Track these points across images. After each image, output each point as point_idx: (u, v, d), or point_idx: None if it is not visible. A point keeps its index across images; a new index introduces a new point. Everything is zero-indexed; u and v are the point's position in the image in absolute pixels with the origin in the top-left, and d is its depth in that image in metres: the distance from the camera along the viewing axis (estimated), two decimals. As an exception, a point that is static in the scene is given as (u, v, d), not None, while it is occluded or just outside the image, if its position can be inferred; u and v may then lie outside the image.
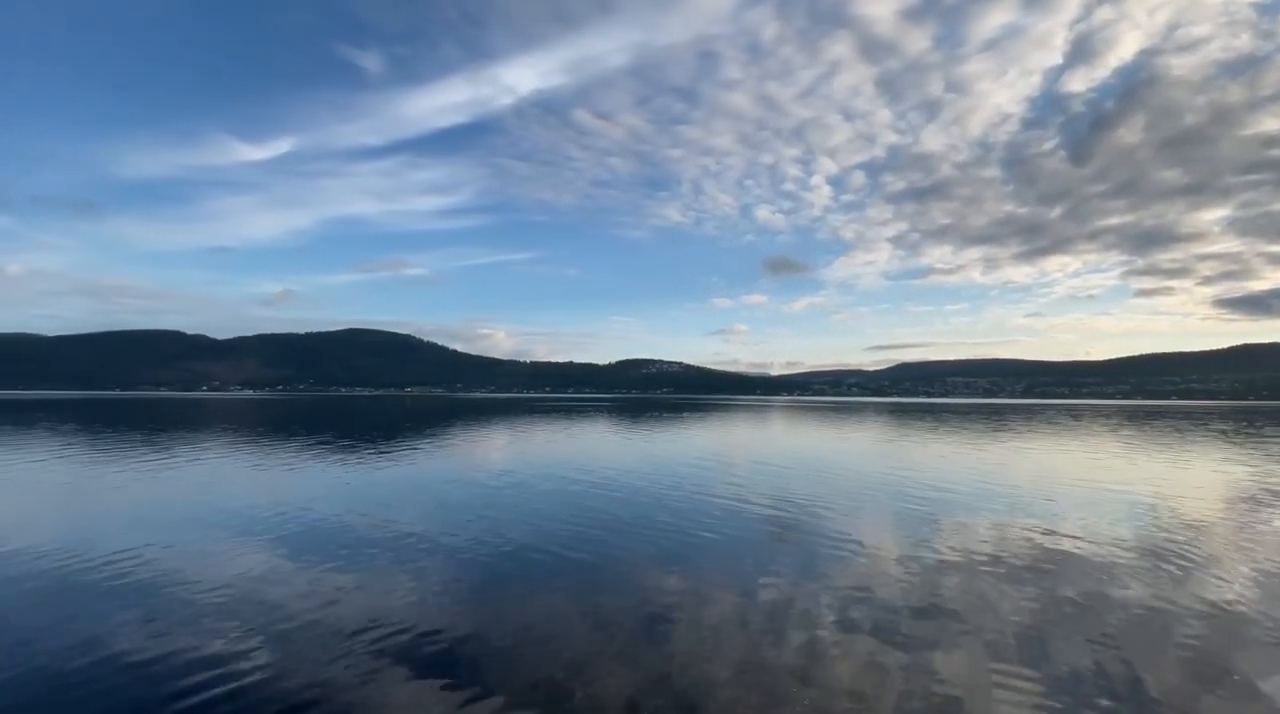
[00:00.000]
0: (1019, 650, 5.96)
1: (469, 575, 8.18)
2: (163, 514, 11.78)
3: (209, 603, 6.99)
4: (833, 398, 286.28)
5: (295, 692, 5.06)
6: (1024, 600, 7.34)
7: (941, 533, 10.72)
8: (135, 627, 6.31)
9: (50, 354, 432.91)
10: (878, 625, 6.54)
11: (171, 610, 6.75)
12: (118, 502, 13.01)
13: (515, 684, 5.25)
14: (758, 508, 12.86)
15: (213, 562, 8.60)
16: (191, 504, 12.77)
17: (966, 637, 6.27)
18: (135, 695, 4.98)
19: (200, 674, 5.32)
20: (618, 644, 6.07)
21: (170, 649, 5.80)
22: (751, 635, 6.28)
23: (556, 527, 10.98)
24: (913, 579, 8.13)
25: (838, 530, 10.83)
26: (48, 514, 11.78)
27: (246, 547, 9.44)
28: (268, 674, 5.35)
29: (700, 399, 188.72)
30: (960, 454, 24.85)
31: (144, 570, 8.11)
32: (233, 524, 10.90)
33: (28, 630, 6.23)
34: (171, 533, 10.23)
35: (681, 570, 8.43)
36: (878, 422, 52.92)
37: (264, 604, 6.98)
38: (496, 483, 16.07)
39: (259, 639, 6.04)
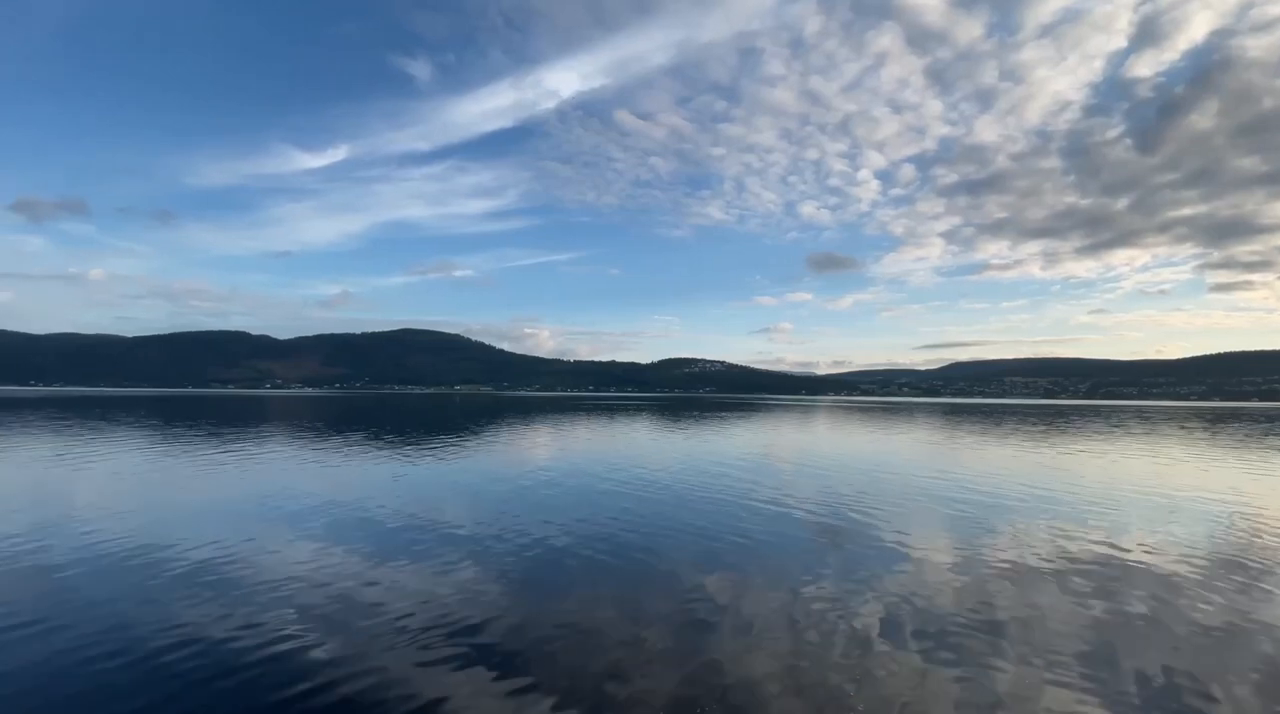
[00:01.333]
0: (1078, 666, 5.66)
1: (514, 571, 8.39)
2: (230, 505, 12.52)
3: (272, 589, 7.36)
4: (881, 398, 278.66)
5: (349, 676, 5.29)
6: (1085, 614, 7.01)
7: (996, 540, 10.38)
8: (205, 609, 6.75)
9: (129, 354, 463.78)
10: (929, 634, 6.33)
11: (236, 594, 7.17)
12: (191, 492, 13.91)
13: (560, 680, 5.29)
14: (802, 510, 12.72)
15: (276, 550, 9.10)
16: (257, 496, 13.50)
17: (1022, 650, 6.00)
18: (204, 674, 5.32)
19: (262, 655, 5.65)
20: (660, 644, 6.03)
21: (235, 630, 6.20)
22: (797, 640, 6.15)
23: (598, 525, 11.13)
24: (965, 588, 7.89)
25: (886, 535, 10.61)
26: (130, 503, 12.66)
27: (306, 537, 9.93)
28: (322, 657, 5.63)
29: (743, 399, 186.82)
30: (1018, 458, 23.87)
31: (212, 556, 8.65)
32: (294, 515, 11.48)
33: (113, 610, 6.69)
34: (238, 522, 10.86)
35: (724, 572, 8.42)
36: (929, 423, 51.27)
37: (320, 591, 7.32)
38: (540, 481, 16.39)
39: (315, 624, 6.39)
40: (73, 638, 5.99)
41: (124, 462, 18.99)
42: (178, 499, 13.16)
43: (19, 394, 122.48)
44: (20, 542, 9.32)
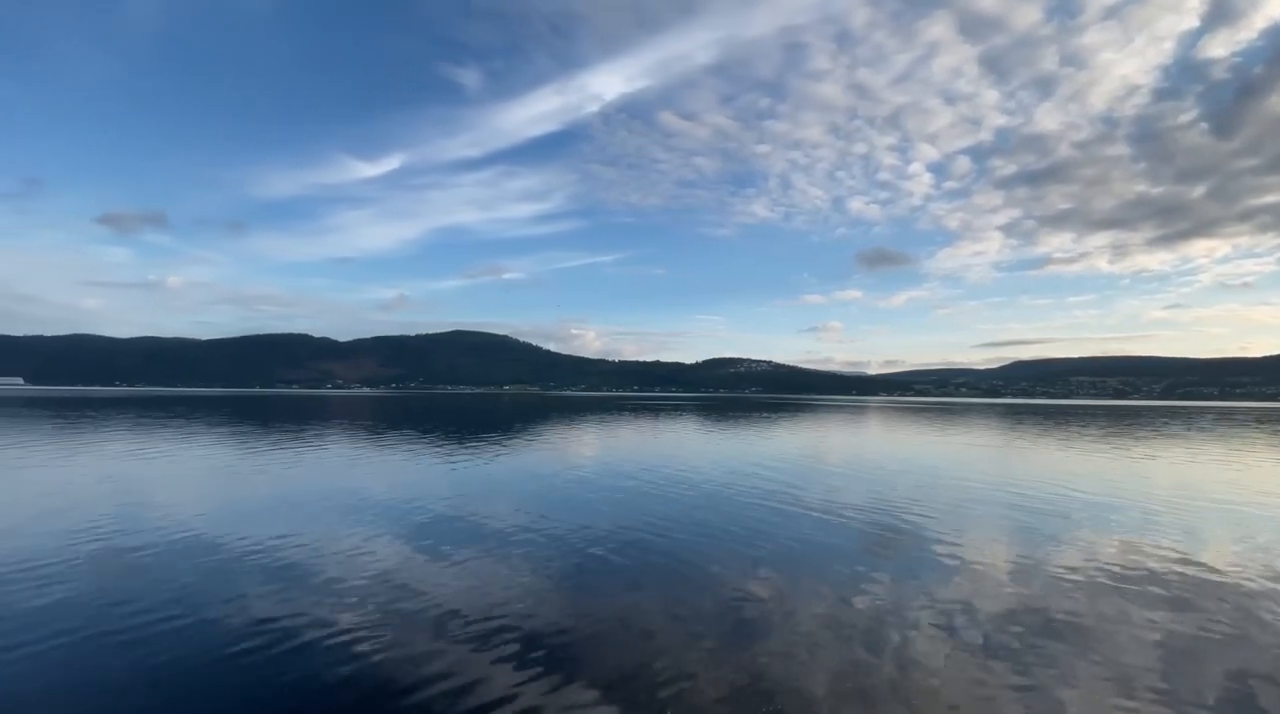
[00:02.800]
0: (1148, 682, 5.39)
1: (562, 568, 8.55)
2: (294, 498, 13.18)
3: (331, 578, 7.72)
4: (937, 399, 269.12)
5: (401, 665, 5.48)
6: (1157, 628, 6.61)
7: (1059, 548, 9.91)
8: (266, 594, 7.17)
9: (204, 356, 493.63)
10: (986, 644, 6.11)
11: (297, 581, 7.54)
12: (259, 486, 14.70)
13: (608, 677, 5.33)
14: (852, 515, 12.46)
15: (336, 541, 9.53)
16: (319, 490, 14.17)
17: (1087, 663, 5.74)
18: (263, 656, 5.62)
19: (316, 641, 5.94)
20: (708, 646, 6.00)
21: (293, 615, 6.57)
22: (847, 645, 6.04)
23: (644, 525, 11.19)
24: (1026, 597, 7.57)
25: (941, 542, 10.28)
26: (205, 494, 13.52)
27: (365, 530, 10.35)
28: (377, 646, 5.85)
29: (790, 399, 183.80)
30: (1085, 462, 22.68)
31: (276, 546, 9.13)
32: (354, 509, 11.99)
33: (180, 593, 7.14)
34: (301, 514, 11.43)
35: (771, 576, 8.34)
36: (988, 425, 49.22)
37: (377, 583, 7.63)
38: (585, 480, 16.58)
39: (371, 614, 6.64)
40: (141, 616, 6.47)
41: (200, 457, 20.26)
42: (247, 492, 13.95)
43: (106, 394, 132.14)
44: (106, 528, 10.09)
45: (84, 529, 10.10)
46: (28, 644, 5.81)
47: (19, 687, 5.08)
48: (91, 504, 12.16)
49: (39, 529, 10.08)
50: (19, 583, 7.46)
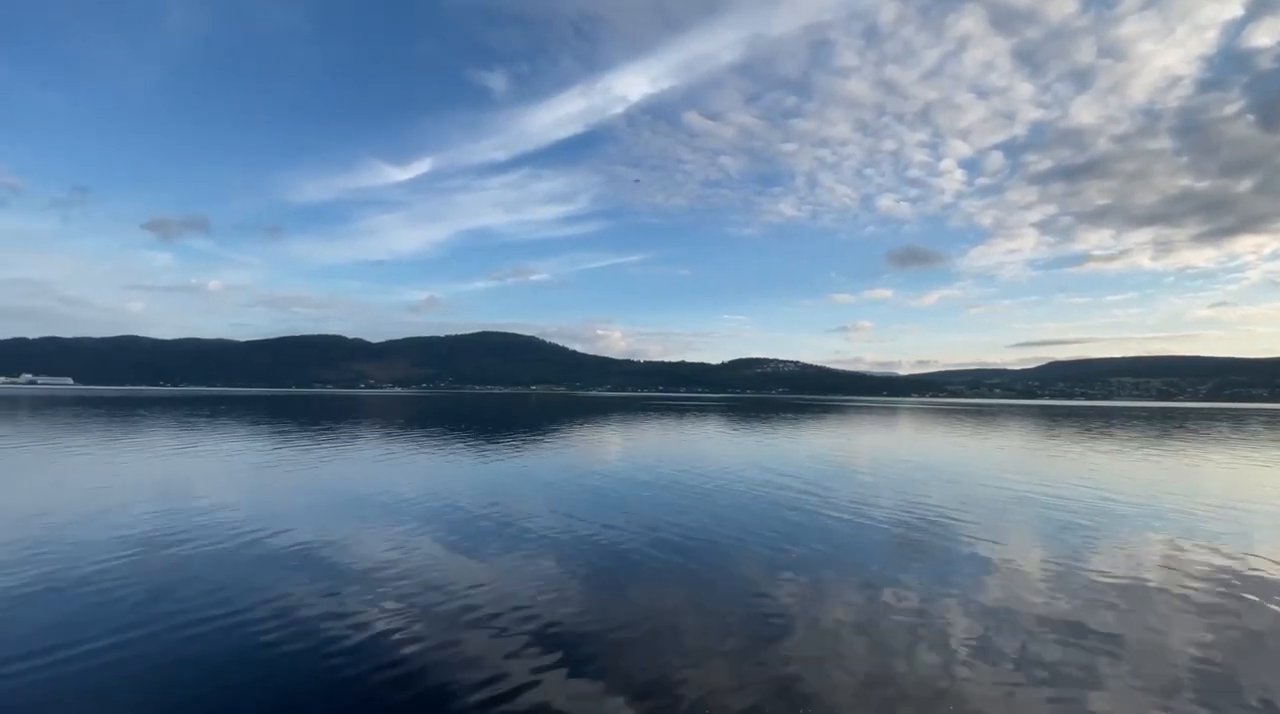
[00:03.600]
0: (1191, 691, 5.22)
1: (588, 566, 8.64)
2: (329, 494, 13.55)
3: (362, 573, 7.92)
4: (971, 400, 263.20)
5: (430, 660, 5.59)
6: (1200, 636, 6.38)
7: (1099, 553, 9.65)
8: (300, 588, 7.36)
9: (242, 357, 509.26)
10: (1021, 650, 5.97)
11: (329, 576, 7.76)
12: (296, 482, 15.15)
13: (632, 675, 5.36)
14: (882, 517, 12.30)
15: (367, 537, 9.79)
16: (352, 487, 14.53)
17: (1127, 671, 5.55)
18: (294, 648, 5.79)
19: (347, 635, 6.09)
20: (733, 647, 5.98)
21: (325, 609, 6.74)
22: (875, 649, 5.95)
23: (668, 525, 11.22)
24: (1063, 603, 7.38)
25: (974, 545, 10.10)
26: (244, 489, 13.98)
27: (395, 526, 10.59)
28: (405, 641, 5.98)
29: (819, 400, 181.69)
30: (1126, 465, 21.97)
31: (311, 540, 9.41)
32: (385, 506, 12.27)
33: (225, 590, 7.35)
34: (335, 510, 11.74)
35: (798, 577, 8.30)
36: (1024, 426, 47.98)
37: (407, 579, 7.80)
38: (611, 479, 16.68)
39: (400, 610, 6.78)
40: (184, 610, 6.69)
41: (243, 455, 20.96)
42: (288, 489, 14.40)
43: (152, 394, 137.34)
44: (154, 524, 10.52)
45: (134, 525, 10.56)
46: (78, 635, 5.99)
47: (70, 677, 5.23)
48: (142, 500, 12.70)
49: (93, 524, 10.55)
50: (73, 575, 7.83)
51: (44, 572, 7.84)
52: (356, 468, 18.35)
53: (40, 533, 9.76)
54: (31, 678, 5.16)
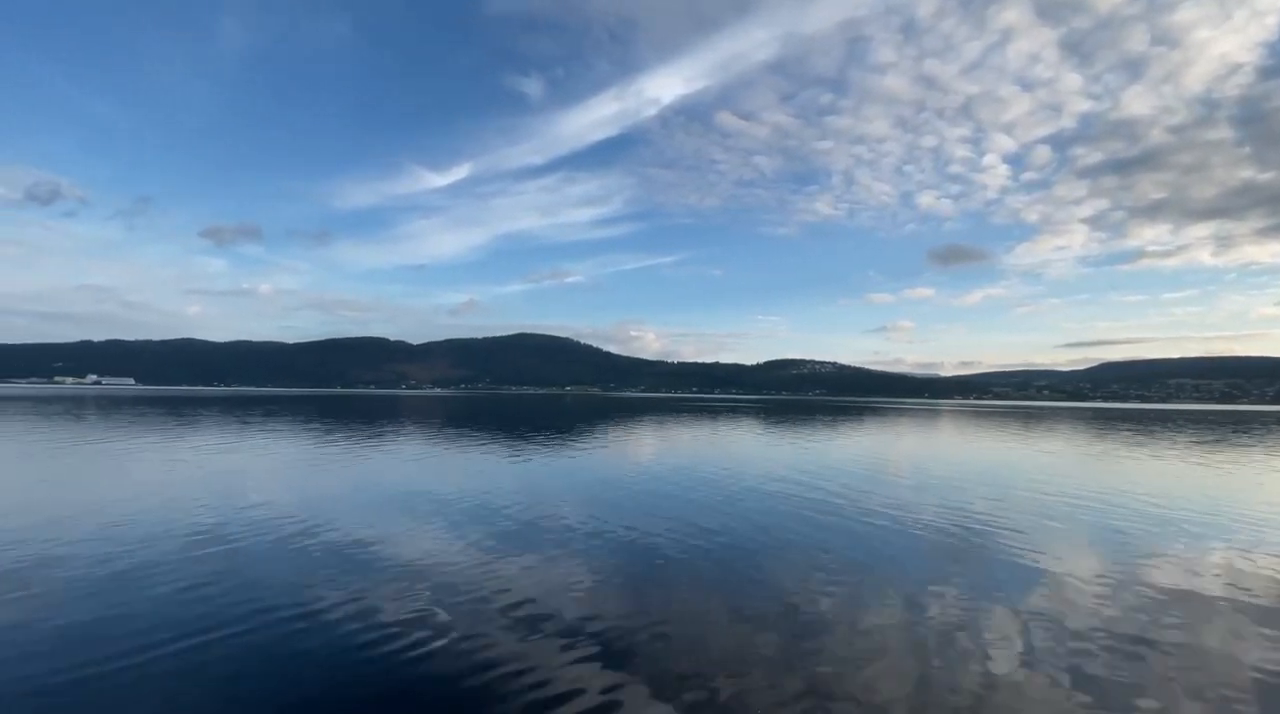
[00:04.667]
0: (1252, 709, 5.02)
1: (622, 567, 8.70)
2: (372, 491, 13.96)
3: (402, 571, 8.14)
4: (1017, 402, 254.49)
5: (467, 657, 5.68)
6: (1261, 652, 6.07)
7: (1154, 564, 9.24)
8: (342, 583, 7.59)
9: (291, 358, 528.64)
10: (1068, 662, 5.76)
11: (371, 573, 7.99)
12: (341, 479, 15.65)
13: (667, 676, 5.36)
14: (922, 523, 12.04)
15: (407, 535, 10.06)
16: (394, 485, 14.95)
17: (1180, 686, 5.33)
18: (335, 643, 5.97)
19: (386, 631, 6.24)
20: (768, 650, 5.93)
21: (370, 606, 6.90)
22: (915, 658, 5.81)
23: (704, 527, 11.20)
24: (1115, 615, 7.10)
25: (1020, 553, 9.80)
26: (292, 485, 14.53)
27: (435, 524, 10.87)
28: (443, 637, 6.09)
29: (857, 402, 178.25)
30: (1185, 470, 20.89)
31: (353, 537, 9.71)
32: (425, 503, 12.59)
33: (264, 579, 7.70)
34: (377, 508, 12.10)
35: (836, 582, 8.19)
36: (1074, 429, 46.10)
37: (446, 576, 7.99)
38: (646, 479, 16.72)
39: (438, 606, 6.91)
40: (227, 598, 7.07)
41: (292, 452, 21.81)
42: (333, 485, 14.89)
43: (208, 394, 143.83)
44: (208, 518, 11.04)
45: (193, 519, 11.12)
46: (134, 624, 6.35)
47: (132, 667, 5.47)
48: (200, 496, 13.34)
49: (156, 516, 11.15)
50: (130, 566, 8.31)
51: (106, 562, 8.34)
52: (400, 466, 18.87)
53: (107, 525, 10.37)
54: (79, 671, 5.33)
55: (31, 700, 4.86)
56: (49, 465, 17.54)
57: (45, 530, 9.95)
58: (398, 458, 21.03)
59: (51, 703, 4.84)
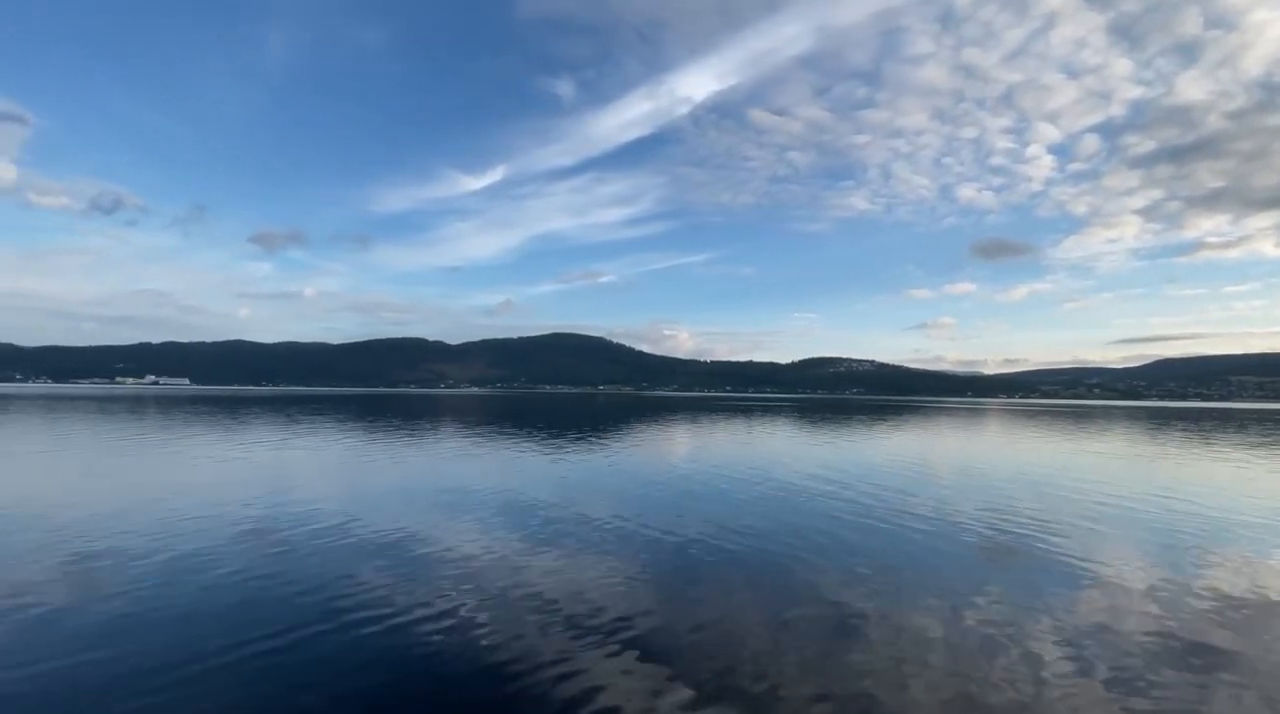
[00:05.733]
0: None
1: (656, 565, 8.74)
2: (412, 488, 14.31)
3: (441, 566, 8.33)
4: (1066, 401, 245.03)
5: (504, 653, 5.76)
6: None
7: (1212, 571, 8.80)
8: (382, 579, 7.79)
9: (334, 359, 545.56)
10: (1118, 671, 5.54)
11: (410, 568, 8.19)
12: (383, 476, 16.09)
13: (702, 676, 5.35)
14: (965, 525, 11.73)
15: (447, 532, 10.27)
16: (435, 482, 15.27)
17: (1243, 702, 5.08)
18: (375, 637, 6.11)
19: (424, 625, 6.38)
20: (804, 652, 5.87)
21: (398, 599, 7.06)
22: (956, 665, 5.65)
23: (740, 526, 11.15)
24: (1169, 622, 6.79)
25: (1069, 556, 9.46)
26: (337, 482, 15.02)
27: (473, 520, 11.07)
28: (481, 633, 6.19)
29: (896, 401, 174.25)
30: (1248, 473, 19.81)
31: (394, 533, 9.98)
32: (464, 500, 12.84)
33: (310, 573, 7.97)
34: (418, 504, 12.39)
35: (873, 587, 8.05)
36: (1128, 429, 44.15)
37: (483, 571, 8.15)
38: (681, 478, 16.72)
39: (476, 602, 7.02)
40: (278, 590, 7.33)
41: (339, 449, 22.55)
42: (374, 481, 15.36)
43: (258, 393, 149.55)
44: (254, 508, 11.53)
45: (241, 512, 11.61)
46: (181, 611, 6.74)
47: (178, 654, 5.75)
48: (253, 489, 13.92)
49: (210, 511, 11.68)
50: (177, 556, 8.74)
51: (166, 550, 8.80)
52: (439, 463, 19.30)
53: (171, 517, 10.92)
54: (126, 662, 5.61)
55: (94, 683, 5.12)
56: (125, 461, 18.55)
57: (122, 520, 10.55)
58: (439, 456, 21.52)
59: (106, 686, 5.08)
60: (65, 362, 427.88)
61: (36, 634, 6.02)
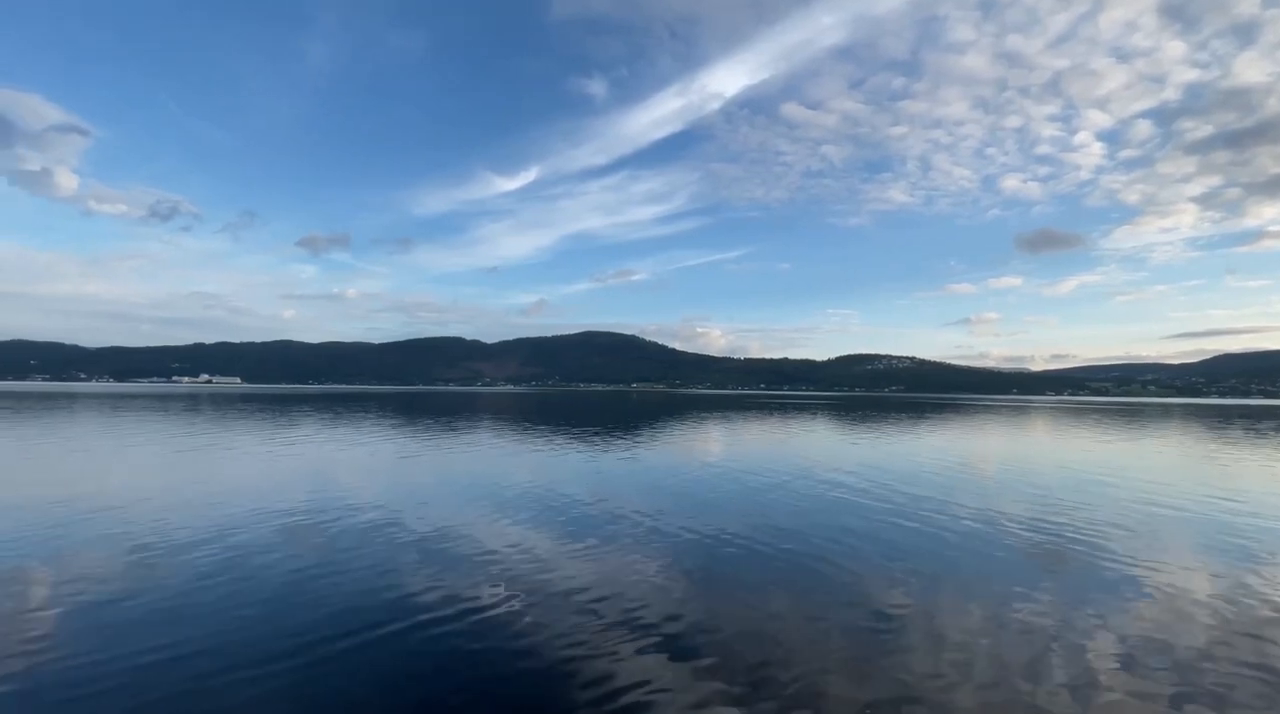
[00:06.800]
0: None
1: (692, 561, 8.81)
2: (452, 483, 14.70)
3: (480, 561, 8.55)
4: (1119, 398, 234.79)
5: (541, 648, 5.86)
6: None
7: (1277, 579, 8.43)
8: (424, 572, 8.07)
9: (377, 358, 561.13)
10: (1182, 682, 5.31)
11: (452, 562, 8.44)
12: (423, 472, 16.57)
13: (738, 675, 5.36)
14: (1012, 527, 11.45)
15: (486, 527, 10.53)
16: (474, 477, 15.65)
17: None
18: (417, 631, 6.25)
19: (464, 619, 6.54)
20: (841, 655, 5.81)
21: (437, 593, 7.28)
22: (1000, 671, 5.51)
23: (775, 525, 11.11)
24: (1229, 636, 6.45)
25: (1122, 561, 9.15)
26: (382, 479, 15.52)
27: (511, 517, 11.32)
28: (519, 629, 6.30)
29: (938, 399, 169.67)
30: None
31: (435, 528, 10.28)
32: (503, 496, 13.13)
33: (356, 564, 8.27)
34: (457, 500, 12.72)
35: (915, 588, 7.94)
36: (1185, 428, 42.07)
37: (521, 566, 8.35)
38: (716, 477, 16.72)
39: (514, 598, 7.17)
40: (324, 580, 7.64)
41: (383, 445, 23.26)
42: (416, 475, 15.82)
43: (305, 391, 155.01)
44: (304, 500, 12.01)
45: (292, 503, 12.13)
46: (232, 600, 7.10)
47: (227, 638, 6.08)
48: (301, 483, 14.51)
49: (262, 503, 12.22)
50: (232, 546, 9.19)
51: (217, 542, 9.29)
52: (478, 459, 19.74)
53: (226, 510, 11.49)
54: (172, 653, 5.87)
55: (153, 669, 5.41)
56: (193, 456, 19.57)
57: (187, 511, 11.16)
58: (477, 451, 22.00)
59: (161, 673, 5.32)
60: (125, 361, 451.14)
61: (98, 618, 6.42)
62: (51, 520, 10.58)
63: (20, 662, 5.43)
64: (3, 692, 4.96)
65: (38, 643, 5.80)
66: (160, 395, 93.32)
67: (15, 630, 6.08)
